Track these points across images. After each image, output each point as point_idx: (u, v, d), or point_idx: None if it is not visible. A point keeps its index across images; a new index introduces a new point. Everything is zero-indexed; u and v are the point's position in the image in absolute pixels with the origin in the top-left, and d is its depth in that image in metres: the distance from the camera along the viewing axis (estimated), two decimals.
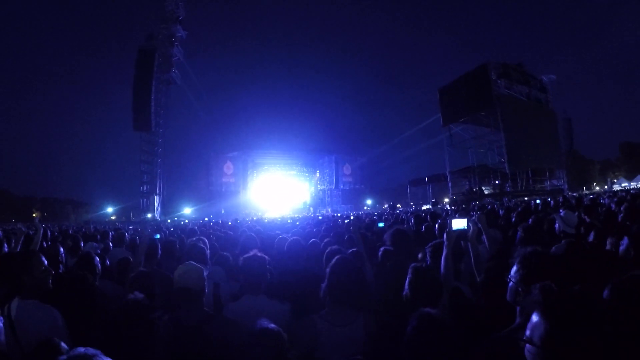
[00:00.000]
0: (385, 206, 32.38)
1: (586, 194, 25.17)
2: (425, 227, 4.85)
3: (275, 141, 47.10)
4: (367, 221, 8.83)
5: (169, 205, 38.78)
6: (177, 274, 2.01)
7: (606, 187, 39.95)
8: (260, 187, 46.48)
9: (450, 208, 14.92)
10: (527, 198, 21.64)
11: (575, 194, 24.69)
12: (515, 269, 1.52)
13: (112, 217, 41.55)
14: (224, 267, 3.36)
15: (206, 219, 25.06)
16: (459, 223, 2.45)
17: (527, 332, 0.93)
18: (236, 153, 44.79)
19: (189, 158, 52.90)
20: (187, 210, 37.87)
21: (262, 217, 29.54)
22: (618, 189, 27.90)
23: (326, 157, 49.29)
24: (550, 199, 10.93)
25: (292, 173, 49.78)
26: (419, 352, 1.38)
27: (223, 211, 38.30)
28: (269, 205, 42.80)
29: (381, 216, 11.52)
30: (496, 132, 30.76)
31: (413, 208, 26.60)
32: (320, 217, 17.00)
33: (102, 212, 45.42)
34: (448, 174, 35.42)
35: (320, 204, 46.94)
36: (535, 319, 0.92)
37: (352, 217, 11.40)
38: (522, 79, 33.55)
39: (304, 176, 50.69)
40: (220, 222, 15.43)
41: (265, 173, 47.86)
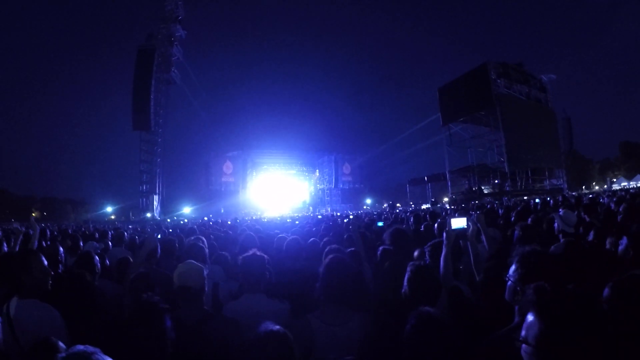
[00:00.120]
0: (385, 205, 32.34)
1: (585, 193, 25.22)
2: (424, 226, 4.87)
3: (274, 140, 47.43)
4: (366, 220, 8.82)
5: (169, 204, 38.85)
6: (177, 272, 2.01)
7: (605, 186, 39.95)
8: (260, 186, 46.49)
9: (450, 207, 14.95)
10: (526, 197, 21.65)
11: (575, 193, 24.73)
12: (513, 268, 1.52)
13: (112, 217, 41.49)
14: (223, 266, 3.36)
15: (205, 218, 25.03)
16: (458, 222, 2.46)
17: (523, 332, 0.93)
18: (235, 152, 44.88)
19: (189, 157, 53.08)
20: (187, 210, 37.90)
21: (262, 216, 29.54)
22: (617, 188, 27.90)
23: (326, 157, 49.33)
24: (549, 199, 10.93)
25: (292, 172, 49.81)
26: (418, 351, 1.38)
27: (222, 210, 38.32)
28: (269, 205, 42.80)
29: (380, 215, 11.51)
30: (496, 132, 30.82)
31: (412, 207, 26.65)
32: (320, 217, 16.98)
33: (101, 211, 45.36)
34: (447, 173, 35.42)
35: (320, 203, 46.99)
36: (530, 319, 0.92)
37: (352, 217, 11.37)
38: (521, 78, 33.57)
39: (303, 175, 50.72)
40: (220, 221, 15.45)
41: (264, 172, 47.87)
